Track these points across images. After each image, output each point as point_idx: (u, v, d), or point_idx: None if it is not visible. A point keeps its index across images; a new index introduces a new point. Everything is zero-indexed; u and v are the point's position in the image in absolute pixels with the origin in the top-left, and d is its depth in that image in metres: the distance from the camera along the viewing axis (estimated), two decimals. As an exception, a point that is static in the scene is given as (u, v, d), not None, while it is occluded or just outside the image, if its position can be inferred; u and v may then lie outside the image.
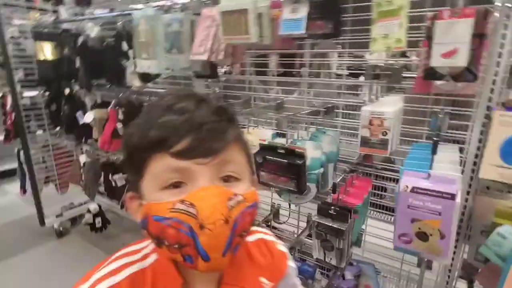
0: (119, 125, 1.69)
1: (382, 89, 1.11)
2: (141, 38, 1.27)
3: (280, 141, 1.09)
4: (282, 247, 0.57)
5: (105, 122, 1.75)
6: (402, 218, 0.79)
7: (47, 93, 2.11)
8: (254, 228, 0.50)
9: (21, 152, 2.14)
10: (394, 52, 0.96)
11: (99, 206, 2.16)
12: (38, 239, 2.23)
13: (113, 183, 1.84)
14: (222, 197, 0.38)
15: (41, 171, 2.23)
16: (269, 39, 1.08)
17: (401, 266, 1.18)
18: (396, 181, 0.93)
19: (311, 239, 1.25)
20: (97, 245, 2.17)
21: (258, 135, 1.20)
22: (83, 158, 2.07)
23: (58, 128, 2.23)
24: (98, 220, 2.13)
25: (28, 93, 2.12)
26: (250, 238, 0.53)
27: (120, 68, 1.56)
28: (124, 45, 1.53)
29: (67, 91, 1.96)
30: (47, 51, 1.85)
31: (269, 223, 1.47)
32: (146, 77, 1.54)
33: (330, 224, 0.87)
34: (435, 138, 0.87)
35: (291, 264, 0.58)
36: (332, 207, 0.89)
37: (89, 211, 2.11)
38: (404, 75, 1.05)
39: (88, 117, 1.80)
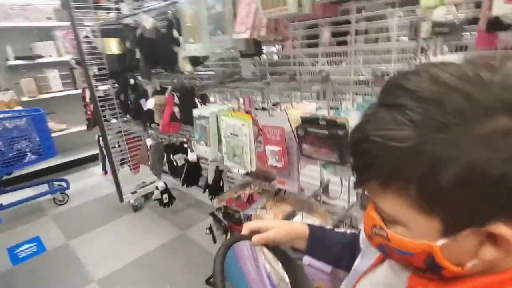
0: (176, 109, 1.82)
1: (438, 49, 1.00)
2: (187, 22, 1.34)
3: (323, 113, 1.07)
4: None
5: (164, 107, 1.90)
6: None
7: (116, 85, 2.36)
8: None
9: (100, 138, 2.46)
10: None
11: (165, 184, 2.39)
12: (119, 212, 2.58)
13: (174, 163, 2.01)
14: (369, 220, 0.41)
15: (117, 154, 2.54)
16: (308, 8, 1.05)
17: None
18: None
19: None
20: (165, 218, 2.42)
21: (302, 109, 1.19)
22: (149, 141, 2.29)
23: (128, 116, 2.50)
24: (165, 196, 2.37)
25: (102, 87, 2.41)
26: None
27: (172, 54, 1.67)
28: (175, 33, 1.63)
29: (131, 81, 2.17)
30: (113, 46, 2.06)
31: (319, 198, 1.47)
32: (195, 61, 1.63)
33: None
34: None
35: None
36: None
37: (157, 188, 2.35)
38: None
39: (149, 104, 1.97)
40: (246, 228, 0.60)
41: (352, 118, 0.99)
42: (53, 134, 2.82)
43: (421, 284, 0.39)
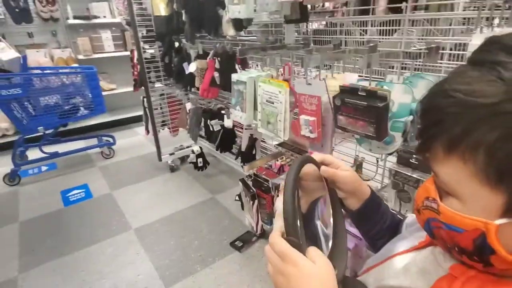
0: (216, 74, 1.83)
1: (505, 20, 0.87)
2: (233, -17, 1.31)
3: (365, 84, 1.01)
4: None
5: (205, 72, 1.92)
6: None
7: (162, 48, 2.42)
8: None
9: (145, 99, 2.58)
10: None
11: (201, 148, 2.47)
12: (157, 171, 2.75)
13: (211, 128, 2.06)
14: (423, 191, 0.39)
15: (158, 116, 2.66)
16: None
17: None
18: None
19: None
20: (198, 180, 2.53)
21: (342, 80, 1.13)
22: (188, 105, 2.36)
23: (171, 79, 2.58)
24: (200, 160, 2.46)
25: (149, 50, 2.49)
26: None
27: (217, 17, 1.66)
28: (221, -6, 1.60)
29: (176, 44, 2.21)
30: (161, 7, 2.10)
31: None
32: (239, 25, 1.60)
33: (410, 174, 0.79)
34: None
35: None
36: (414, 156, 0.79)
37: (193, 151, 2.44)
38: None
39: (191, 67, 2.01)
40: (318, 156, 0.56)
41: (395, 91, 0.92)
42: (103, 93, 3.01)
43: (464, 275, 0.36)
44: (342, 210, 0.58)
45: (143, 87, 2.49)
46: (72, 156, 2.98)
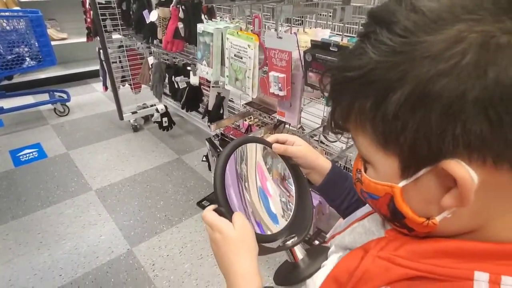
0: (180, 25, 1.68)
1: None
2: None
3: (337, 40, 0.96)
4: None
5: (168, 22, 1.75)
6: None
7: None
8: None
9: (101, 51, 2.35)
10: None
11: (166, 107, 2.35)
12: (118, 131, 2.60)
13: (176, 85, 1.94)
14: (354, 164, 0.39)
15: (118, 71, 2.44)
16: None
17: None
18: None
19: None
20: (163, 141, 2.44)
21: (314, 35, 1.08)
22: (151, 60, 2.18)
23: (130, 30, 2.34)
24: (165, 119, 2.35)
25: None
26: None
27: (179, -42, 1.48)
28: None
29: (135, -12, 1.97)
30: None
31: (317, 137, 1.43)
32: (205, -31, 1.44)
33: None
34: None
35: None
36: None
37: (157, 110, 2.31)
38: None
39: (152, 16, 1.82)
40: (272, 138, 0.58)
41: (368, 48, 0.89)
42: (53, 43, 2.68)
43: (393, 236, 0.37)
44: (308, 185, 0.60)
45: (98, 37, 2.25)
46: (21, 113, 2.72)
